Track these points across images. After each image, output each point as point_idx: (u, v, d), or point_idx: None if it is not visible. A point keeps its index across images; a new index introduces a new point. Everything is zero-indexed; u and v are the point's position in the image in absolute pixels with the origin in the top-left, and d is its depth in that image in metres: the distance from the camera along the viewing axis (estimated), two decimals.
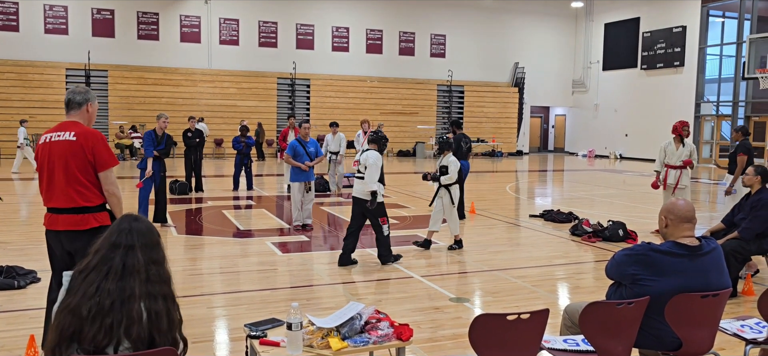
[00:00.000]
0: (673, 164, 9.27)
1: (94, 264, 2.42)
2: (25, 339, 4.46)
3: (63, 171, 4.02)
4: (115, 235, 2.49)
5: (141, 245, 2.47)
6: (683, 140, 9.28)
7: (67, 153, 4.01)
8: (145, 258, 2.46)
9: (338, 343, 3.19)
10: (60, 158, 4.02)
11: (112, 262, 2.41)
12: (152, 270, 2.46)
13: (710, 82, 26.83)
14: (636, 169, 23.49)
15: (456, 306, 5.75)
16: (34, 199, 12.34)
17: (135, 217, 2.59)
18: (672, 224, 3.44)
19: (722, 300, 3.38)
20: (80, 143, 4.00)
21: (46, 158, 4.09)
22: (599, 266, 7.46)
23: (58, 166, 4.03)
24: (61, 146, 4.04)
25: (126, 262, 2.42)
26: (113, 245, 2.45)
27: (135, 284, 2.38)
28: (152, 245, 2.52)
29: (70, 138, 4.02)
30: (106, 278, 2.37)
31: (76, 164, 4.00)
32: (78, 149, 3.99)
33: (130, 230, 2.50)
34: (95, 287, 2.35)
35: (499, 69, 31.45)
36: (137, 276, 2.40)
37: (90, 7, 24.37)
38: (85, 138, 4.02)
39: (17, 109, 22.89)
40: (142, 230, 2.52)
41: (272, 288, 6.36)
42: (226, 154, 24.91)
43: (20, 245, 8.04)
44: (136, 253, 2.44)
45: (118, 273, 2.39)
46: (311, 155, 9.53)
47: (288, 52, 27.16)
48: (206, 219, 10.52)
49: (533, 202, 14.03)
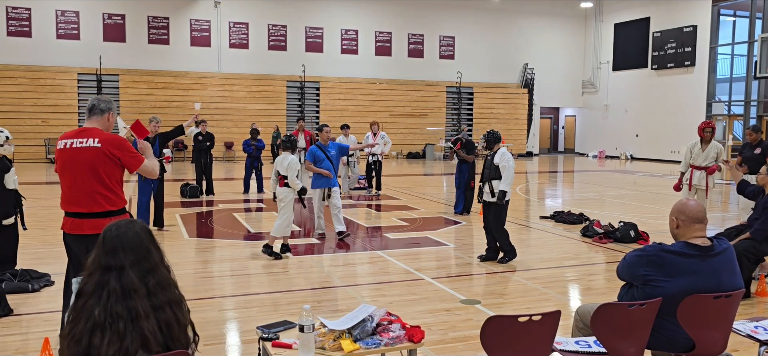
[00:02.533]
0: (698, 165, 9.17)
1: (90, 290, 2.36)
2: (39, 342, 4.50)
3: (90, 177, 4.13)
4: (103, 257, 2.40)
5: (130, 264, 2.38)
6: (710, 140, 9.18)
7: (95, 160, 4.13)
8: (139, 274, 2.38)
9: (350, 345, 3.20)
10: (86, 164, 4.13)
11: (108, 286, 2.34)
12: (151, 283, 2.39)
13: (721, 81, 26.63)
14: (647, 170, 23.35)
15: (467, 308, 5.75)
16: (46, 203, 12.44)
17: (116, 228, 2.47)
18: (683, 224, 3.43)
19: (735, 300, 3.36)
20: (107, 149, 4.15)
21: (70, 163, 4.19)
22: (610, 267, 7.43)
23: (85, 172, 4.13)
24: (88, 152, 4.16)
25: (122, 284, 2.35)
26: (105, 269, 2.38)
27: (137, 303, 2.32)
28: (142, 257, 2.42)
29: (96, 145, 4.15)
30: (109, 301, 2.31)
31: (104, 171, 4.14)
32: (104, 155, 4.14)
33: (115, 250, 2.40)
34: (103, 312, 2.29)
35: (508, 70, 31.37)
36: (136, 294, 2.34)
37: (101, 12, 24.57)
38: (111, 144, 4.18)
39: (30, 114, 23.12)
40: (128, 246, 2.41)
41: (284, 291, 6.38)
42: (236, 157, 25.01)
43: (34, 248, 8.11)
44: (127, 274, 2.36)
45: (118, 295, 2.33)
46: (333, 158, 9.10)
47: (297, 55, 27.24)
48: (217, 222, 10.57)
49: (544, 203, 13.99)
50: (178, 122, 24.77)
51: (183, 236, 9.16)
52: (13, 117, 22.58)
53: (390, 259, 7.68)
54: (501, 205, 7.31)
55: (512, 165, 7.30)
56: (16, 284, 6.01)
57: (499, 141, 7.62)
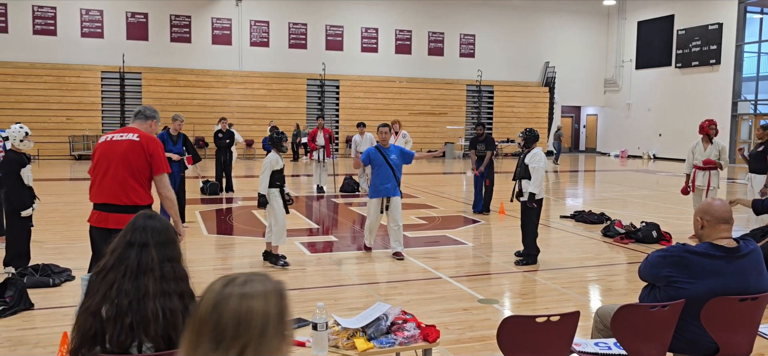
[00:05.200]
0: (700, 166, 9.01)
1: (111, 264, 2.42)
2: (58, 336, 4.54)
3: (123, 167, 4.31)
4: (130, 233, 2.48)
5: (155, 243, 2.45)
6: (711, 139, 8.97)
7: (129, 151, 4.34)
8: (160, 256, 2.44)
9: (364, 344, 3.17)
10: (120, 156, 4.33)
11: (127, 261, 2.40)
12: (167, 268, 2.43)
13: (748, 80, 26.13)
14: (670, 169, 23.00)
15: (484, 308, 5.69)
16: (70, 199, 12.61)
17: (150, 214, 2.57)
18: (708, 225, 3.34)
19: (762, 303, 3.26)
20: (142, 144, 4.36)
21: (106, 154, 4.40)
22: (632, 267, 7.31)
23: (119, 162, 4.32)
24: (123, 144, 4.39)
25: (140, 260, 2.40)
26: (128, 244, 2.45)
27: (149, 282, 2.37)
28: (167, 243, 2.49)
29: (134, 138, 4.40)
30: (124, 277, 2.37)
31: (135, 162, 4.32)
32: (139, 148, 4.35)
33: (145, 228, 2.47)
34: (114, 287, 2.35)
35: (529, 68, 31.11)
36: (151, 274, 2.39)
37: (124, 11, 24.86)
38: (147, 141, 4.41)
39: (55, 111, 23.47)
40: (157, 228, 2.49)
41: (299, 288, 6.37)
42: (256, 155, 25.14)
43: (55, 243, 8.21)
44: (150, 251, 2.43)
45: (133, 272, 2.38)
46: (394, 165, 7.59)
47: (317, 54, 27.30)
48: (236, 219, 10.62)
49: (564, 203, 13.83)
50: (200, 120, 25.01)
51: (203, 233, 9.21)
52: (39, 114, 22.96)
53: (408, 257, 7.64)
54: (530, 206, 7.19)
55: (542, 166, 7.16)
56: (37, 278, 6.08)
57: (537, 140, 7.48)
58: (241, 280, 1.52)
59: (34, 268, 6.28)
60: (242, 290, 1.48)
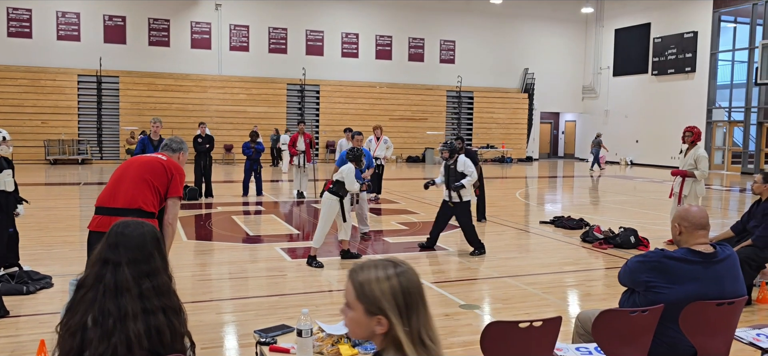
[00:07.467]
0: (676, 171, 9.13)
1: (90, 283, 2.33)
2: (35, 344, 4.46)
3: (138, 175, 4.36)
4: (105, 250, 2.37)
5: (127, 261, 2.33)
6: (695, 145, 9.00)
7: (150, 164, 4.45)
8: (134, 274, 2.33)
9: (348, 350, 3.17)
10: (141, 166, 4.43)
11: (104, 280, 2.31)
12: (145, 285, 2.33)
13: (722, 87, 26.64)
14: (647, 175, 23.33)
15: (466, 313, 5.71)
16: (45, 205, 12.41)
17: (124, 226, 2.44)
18: (686, 231, 3.40)
19: (737, 307, 3.33)
20: (166, 164, 4.47)
21: (126, 164, 4.54)
22: (610, 273, 7.40)
23: (136, 171, 4.39)
24: (149, 157, 4.58)
25: (116, 280, 2.31)
26: (103, 262, 2.35)
27: (127, 302, 2.28)
28: (142, 259, 2.37)
29: (160, 157, 4.56)
30: (105, 297, 2.28)
31: (153, 176, 4.38)
32: (162, 165, 4.45)
33: (117, 245, 2.36)
34: (96, 306, 2.27)
35: (508, 75, 31.38)
36: (128, 293, 2.29)
37: (102, 14, 24.57)
38: (172, 163, 4.53)
39: (30, 115, 23.11)
40: (130, 245, 2.37)
41: (282, 294, 6.34)
42: (235, 159, 24.98)
43: (31, 249, 8.05)
44: (123, 270, 2.31)
45: (111, 291, 2.29)
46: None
47: (298, 59, 27.25)
48: (216, 225, 10.53)
49: (543, 208, 13.95)
50: (178, 124, 24.77)
51: (182, 239, 9.12)
52: (13, 118, 22.56)
53: None
54: (465, 205, 8.11)
55: (473, 169, 8.14)
56: (12, 286, 5.98)
57: (460, 151, 8.49)
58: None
59: (11, 275, 6.17)
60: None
